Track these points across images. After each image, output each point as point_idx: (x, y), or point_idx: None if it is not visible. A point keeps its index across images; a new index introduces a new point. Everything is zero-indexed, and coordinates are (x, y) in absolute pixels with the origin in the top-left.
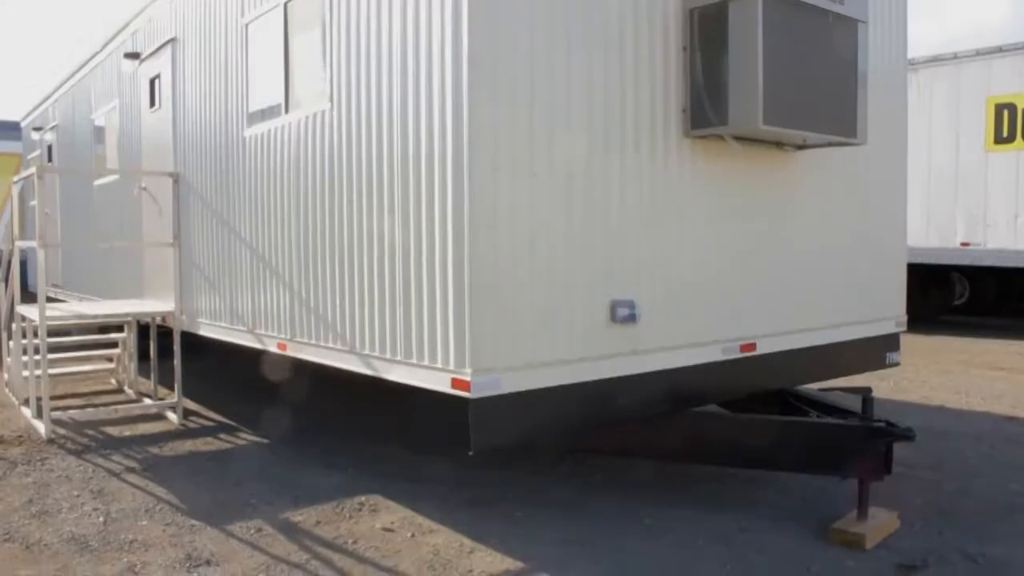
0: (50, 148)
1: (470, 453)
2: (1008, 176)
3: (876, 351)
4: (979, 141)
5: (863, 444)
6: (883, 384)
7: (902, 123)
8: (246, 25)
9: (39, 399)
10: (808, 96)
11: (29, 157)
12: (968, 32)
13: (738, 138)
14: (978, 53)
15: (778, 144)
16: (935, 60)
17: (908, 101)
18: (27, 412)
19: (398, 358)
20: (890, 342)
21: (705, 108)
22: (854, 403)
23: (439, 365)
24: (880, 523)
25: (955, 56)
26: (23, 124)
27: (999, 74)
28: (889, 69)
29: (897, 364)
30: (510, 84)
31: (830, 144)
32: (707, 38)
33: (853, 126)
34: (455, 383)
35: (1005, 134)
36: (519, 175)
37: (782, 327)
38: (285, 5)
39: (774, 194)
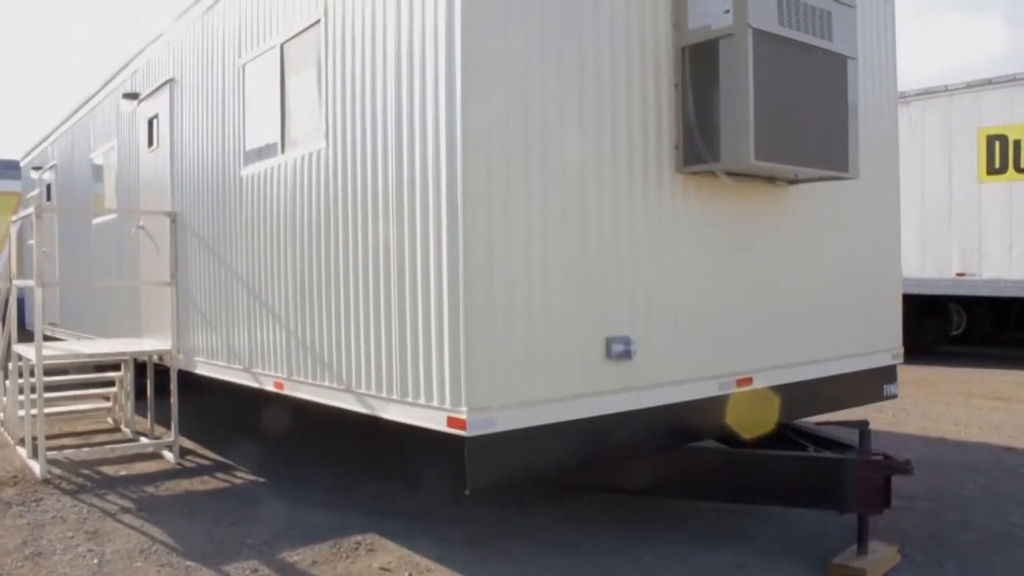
0: (49, 187)
1: (467, 492)
2: (1002, 207)
3: (873, 383)
4: (972, 172)
5: (861, 478)
6: (881, 416)
7: (894, 156)
8: (243, 66)
9: (35, 439)
10: (799, 132)
11: (28, 196)
12: (963, 57)
13: (730, 174)
14: (968, 85)
15: (770, 179)
16: (926, 93)
17: (900, 134)
18: (23, 452)
19: (394, 397)
20: (887, 374)
21: (697, 144)
22: (852, 436)
23: (435, 404)
24: (880, 557)
25: (946, 88)
26: (22, 163)
27: (989, 106)
28: (880, 103)
29: (895, 396)
30: (504, 120)
31: (822, 179)
32: (698, 75)
33: (845, 161)
34: (451, 422)
35: (997, 165)
36: (514, 212)
37: (778, 361)
38: (281, 46)
39: (767, 228)
